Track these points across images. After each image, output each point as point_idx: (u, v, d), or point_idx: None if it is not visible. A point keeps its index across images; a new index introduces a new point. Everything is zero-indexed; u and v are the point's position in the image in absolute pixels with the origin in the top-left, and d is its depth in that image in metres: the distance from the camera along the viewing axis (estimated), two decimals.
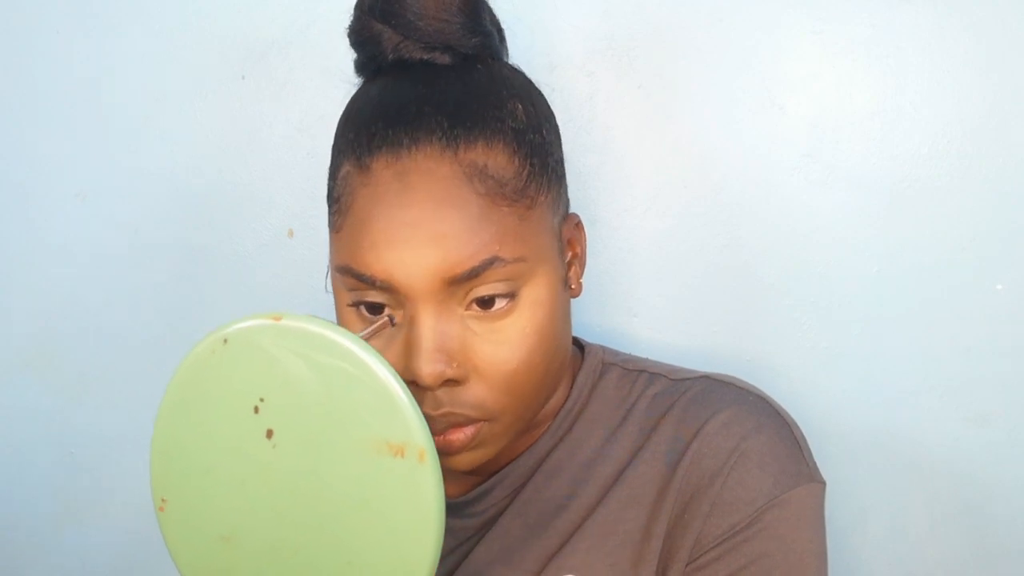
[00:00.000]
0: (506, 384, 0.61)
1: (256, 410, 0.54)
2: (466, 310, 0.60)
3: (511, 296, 0.61)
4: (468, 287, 0.60)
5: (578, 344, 0.76)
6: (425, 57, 0.65)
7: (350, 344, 0.52)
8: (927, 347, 0.87)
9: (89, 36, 0.93)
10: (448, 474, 0.71)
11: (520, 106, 0.64)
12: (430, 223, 0.59)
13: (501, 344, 0.61)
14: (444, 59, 0.65)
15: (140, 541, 1.02)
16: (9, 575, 1.04)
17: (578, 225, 0.70)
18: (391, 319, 0.61)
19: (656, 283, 0.89)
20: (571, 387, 0.72)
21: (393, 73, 0.65)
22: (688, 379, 0.71)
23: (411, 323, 0.60)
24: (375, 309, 0.62)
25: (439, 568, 0.70)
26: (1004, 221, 0.84)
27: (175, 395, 0.56)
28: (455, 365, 0.60)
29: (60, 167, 0.96)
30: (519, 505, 0.70)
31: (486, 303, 0.60)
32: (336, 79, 0.91)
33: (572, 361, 0.73)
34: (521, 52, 0.74)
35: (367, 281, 0.60)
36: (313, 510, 0.55)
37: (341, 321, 0.64)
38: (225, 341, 0.54)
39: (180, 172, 0.94)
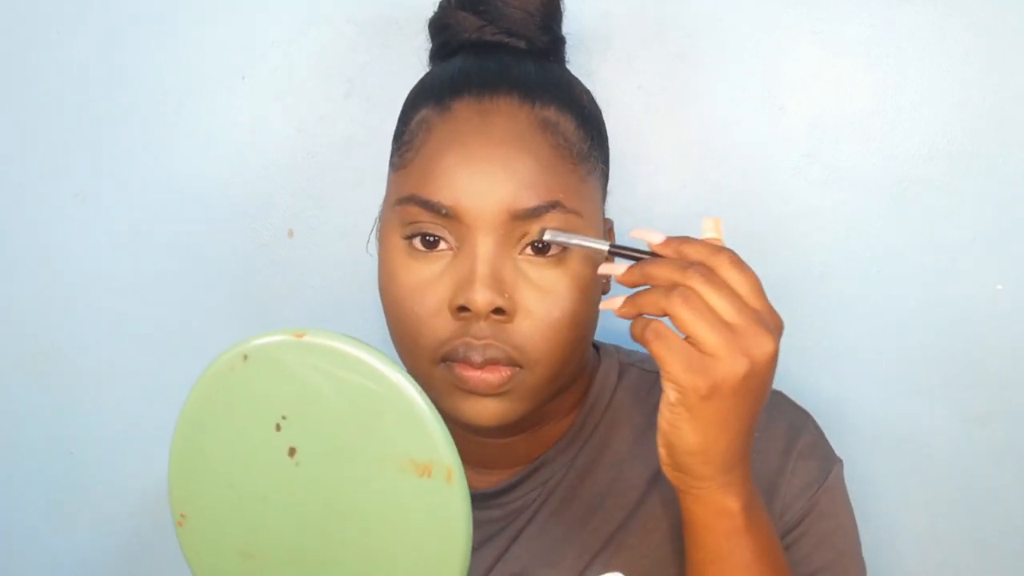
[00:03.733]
0: (549, 330, 0.63)
1: (278, 428, 0.54)
2: (520, 254, 0.63)
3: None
4: (527, 227, 0.62)
5: (592, 344, 0.76)
6: (505, 40, 0.70)
7: (375, 361, 0.52)
8: (927, 347, 0.87)
9: (89, 36, 0.93)
10: (474, 471, 0.72)
11: (586, 96, 0.70)
12: (505, 158, 0.63)
13: (549, 291, 0.63)
14: (521, 44, 0.70)
15: (140, 541, 1.02)
16: (8, 575, 1.04)
17: (610, 230, 0.73)
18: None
19: None
20: (590, 384, 0.74)
21: (473, 50, 0.70)
22: None
23: (469, 252, 0.62)
24: (431, 244, 0.64)
25: (476, 564, 0.71)
26: (1004, 221, 0.84)
27: (194, 410, 0.56)
28: (506, 296, 0.62)
29: (60, 167, 0.96)
30: (555, 503, 0.71)
31: (541, 249, 0.63)
32: (336, 79, 0.91)
33: (589, 359, 0.75)
34: None
35: (433, 208, 0.63)
36: (337, 528, 0.54)
37: (388, 261, 0.66)
38: (245, 357, 0.54)
39: (180, 172, 0.94)
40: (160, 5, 0.92)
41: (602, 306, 0.60)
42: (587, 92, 0.72)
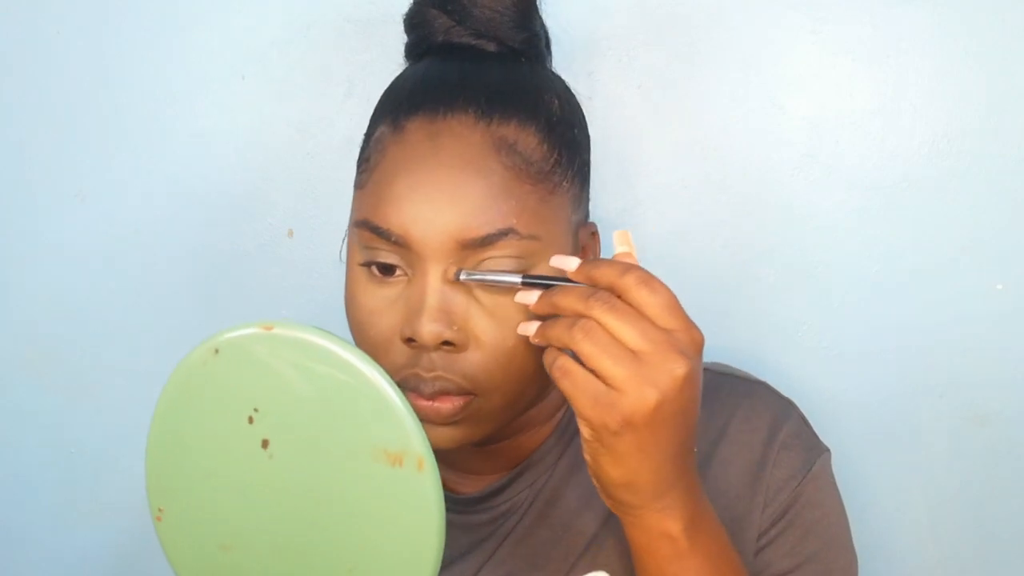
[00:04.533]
0: (503, 359, 0.61)
1: (251, 420, 0.54)
2: None
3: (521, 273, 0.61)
4: (480, 255, 0.61)
5: None
6: (473, 43, 0.68)
7: (344, 353, 0.52)
8: (927, 347, 0.87)
9: (89, 36, 0.93)
10: (459, 475, 0.72)
11: (557, 102, 0.67)
12: (454, 185, 0.60)
13: (504, 319, 0.61)
14: (490, 47, 0.68)
15: (140, 542, 1.02)
16: (8, 575, 1.04)
17: (594, 234, 0.71)
18: None
19: None
20: None
21: (440, 54, 0.68)
22: None
23: (420, 281, 0.61)
24: (387, 270, 0.62)
25: (463, 569, 0.71)
26: (1004, 221, 0.84)
27: (168, 405, 0.56)
28: (455, 328, 0.60)
29: (60, 167, 0.96)
30: (541, 506, 0.71)
31: None
32: (336, 79, 0.91)
33: None
34: None
35: (383, 235, 0.61)
36: (313, 519, 0.55)
37: (351, 281, 0.65)
38: (216, 351, 0.54)
39: (180, 172, 0.94)
40: (160, 5, 0.92)
41: (519, 329, 0.59)
42: (562, 95, 0.69)
